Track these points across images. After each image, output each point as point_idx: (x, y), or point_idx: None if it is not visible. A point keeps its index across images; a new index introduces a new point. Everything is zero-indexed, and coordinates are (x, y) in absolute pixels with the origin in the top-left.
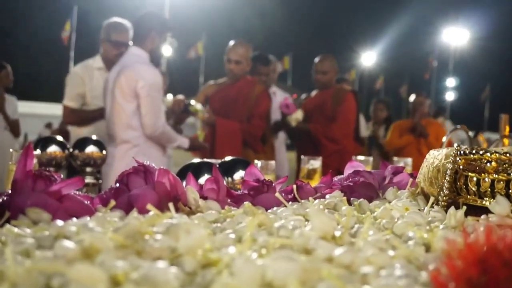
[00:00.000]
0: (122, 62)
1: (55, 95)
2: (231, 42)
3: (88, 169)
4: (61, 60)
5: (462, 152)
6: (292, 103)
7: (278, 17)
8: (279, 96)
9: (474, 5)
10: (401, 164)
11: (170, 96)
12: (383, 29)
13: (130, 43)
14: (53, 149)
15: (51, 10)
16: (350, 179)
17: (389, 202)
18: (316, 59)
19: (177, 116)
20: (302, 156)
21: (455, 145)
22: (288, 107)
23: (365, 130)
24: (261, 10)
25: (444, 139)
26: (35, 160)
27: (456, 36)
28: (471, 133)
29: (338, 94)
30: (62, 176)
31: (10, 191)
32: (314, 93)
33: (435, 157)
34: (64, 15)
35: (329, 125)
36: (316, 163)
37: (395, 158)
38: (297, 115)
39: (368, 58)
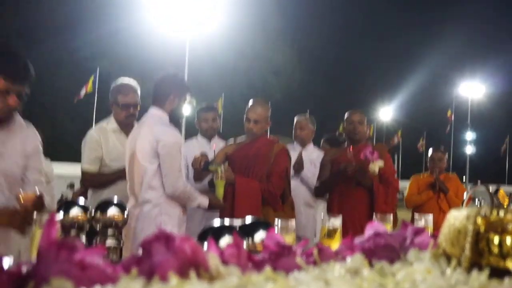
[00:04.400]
0: (142, 123)
1: (78, 156)
2: (250, 102)
3: (110, 232)
4: (84, 122)
5: (482, 213)
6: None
7: (295, 75)
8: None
9: (489, 60)
10: (422, 221)
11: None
12: (400, 85)
13: (147, 102)
14: (75, 212)
15: (74, 73)
16: (371, 241)
17: (411, 264)
18: (348, 112)
19: (197, 174)
20: (323, 215)
21: (476, 200)
22: (373, 154)
23: None
24: (278, 69)
25: (465, 196)
26: (58, 225)
27: (473, 90)
28: (491, 189)
29: (381, 152)
30: (84, 238)
31: (35, 260)
32: (347, 147)
33: (455, 217)
34: (87, 77)
35: (388, 189)
36: (336, 222)
37: (416, 216)
38: (380, 163)
39: (385, 113)
